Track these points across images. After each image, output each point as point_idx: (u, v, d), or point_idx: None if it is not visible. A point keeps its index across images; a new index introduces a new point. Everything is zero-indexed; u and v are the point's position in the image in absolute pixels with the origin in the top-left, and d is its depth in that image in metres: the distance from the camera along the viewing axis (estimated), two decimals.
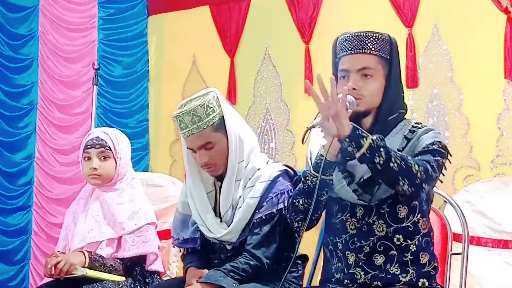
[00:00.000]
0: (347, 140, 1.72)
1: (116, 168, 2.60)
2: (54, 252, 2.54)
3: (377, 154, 1.72)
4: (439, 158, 1.85)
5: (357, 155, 1.74)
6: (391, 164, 1.73)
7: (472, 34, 3.38)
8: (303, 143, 1.79)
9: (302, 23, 3.85)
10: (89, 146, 2.59)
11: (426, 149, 1.86)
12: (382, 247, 1.89)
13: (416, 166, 1.77)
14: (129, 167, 2.69)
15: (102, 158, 2.58)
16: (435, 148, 1.86)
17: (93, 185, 2.64)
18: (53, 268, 2.38)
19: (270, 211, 2.12)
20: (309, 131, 1.81)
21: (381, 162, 1.73)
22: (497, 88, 3.31)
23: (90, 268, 2.42)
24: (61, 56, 4.58)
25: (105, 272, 2.46)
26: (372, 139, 1.73)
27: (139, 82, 4.38)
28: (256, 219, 2.12)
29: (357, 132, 1.73)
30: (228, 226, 2.16)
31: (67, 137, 4.52)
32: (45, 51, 4.62)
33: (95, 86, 3.85)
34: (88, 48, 4.50)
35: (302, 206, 1.95)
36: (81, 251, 2.46)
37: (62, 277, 2.39)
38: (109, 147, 2.58)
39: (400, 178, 1.75)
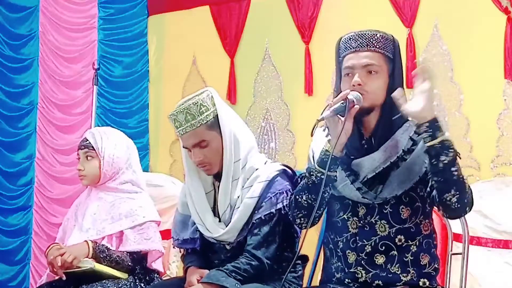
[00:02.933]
0: (427, 125, 1.74)
1: (100, 167, 2.62)
2: (53, 244, 2.52)
3: (445, 152, 1.73)
4: None
5: (428, 144, 1.74)
6: (453, 169, 1.74)
7: (472, 34, 3.38)
8: (311, 136, 1.79)
9: (302, 23, 3.85)
10: (78, 148, 2.67)
11: None
12: (383, 247, 1.89)
13: (467, 187, 1.80)
14: (123, 165, 2.67)
15: (87, 158, 2.63)
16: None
17: (84, 185, 2.69)
18: (56, 259, 2.36)
19: (269, 211, 2.11)
20: (317, 123, 1.81)
21: (446, 161, 1.73)
22: (497, 88, 3.31)
23: (95, 259, 2.43)
24: (61, 56, 4.59)
25: (113, 264, 2.46)
26: (446, 137, 1.74)
27: (139, 82, 4.39)
28: (255, 220, 2.12)
29: (436, 124, 1.74)
30: (226, 226, 2.17)
31: (67, 137, 4.53)
32: (45, 51, 4.63)
33: (95, 86, 3.85)
34: (88, 48, 4.51)
35: (306, 202, 1.95)
36: (85, 241, 2.47)
37: (73, 269, 2.37)
38: (92, 146, 2.62)
39: (454, 187, 1.77)
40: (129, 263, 2.51)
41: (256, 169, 2.19)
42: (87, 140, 2.64)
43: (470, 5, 3.40)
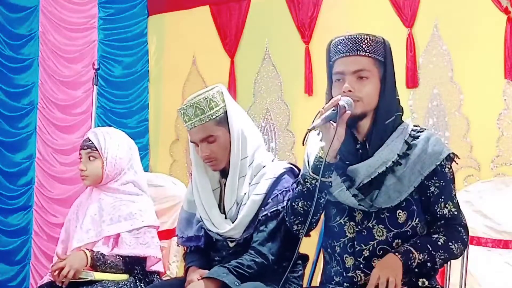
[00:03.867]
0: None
1: (103, 168, 2.61)
2: (57, 256, 2.54)
3: (423, 268, 1.85)
4: (455, 186, 1.94)
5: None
6: (437, 266, 1.88)
7: (472, 34, 3.38)
8: (303, 145, 1.79)
9: (302, 23, 3.85)
10: (80, 148, 2.66)
11: (442, 181, 1.90)
12: (381, 251, 1.89)
13: (455, 246, 1.87)
14: (125, 166, 2.67)
15: (90, 158, 2.61)
16: (449, 177, 1.92)
17: (85, 185, 2.69)
18: (56, 272, 2.38)
19: (275, 208, 2.13)
20: (309, 132, 1.80)
21: (428, 267, 1.86)
22: (497, 88, 3.31)
23: (92, 267, 2.44)
24: (61, 56, 4.58)
25: (107, 270, 2.47)
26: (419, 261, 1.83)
27: (139, 82, 4.39)
28: (261, 216, 2.13)
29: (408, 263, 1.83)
30: (233, 223, 2.17)
31: (67, 137, 4.53)
32: (45, 51, 4.63)
33: (95, 86, 3.86)
34: (88, 48, 4.51)
35: (302, 209, 1.95)
36: (83, 250, 2.47)
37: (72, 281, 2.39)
38: (95, 147, 2.61)
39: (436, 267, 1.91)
40: (122, 267, 2.51)
41: (263, 167, 2.21)
42: (90, 140, 2.62)
43: (470, 5, 3.39)
